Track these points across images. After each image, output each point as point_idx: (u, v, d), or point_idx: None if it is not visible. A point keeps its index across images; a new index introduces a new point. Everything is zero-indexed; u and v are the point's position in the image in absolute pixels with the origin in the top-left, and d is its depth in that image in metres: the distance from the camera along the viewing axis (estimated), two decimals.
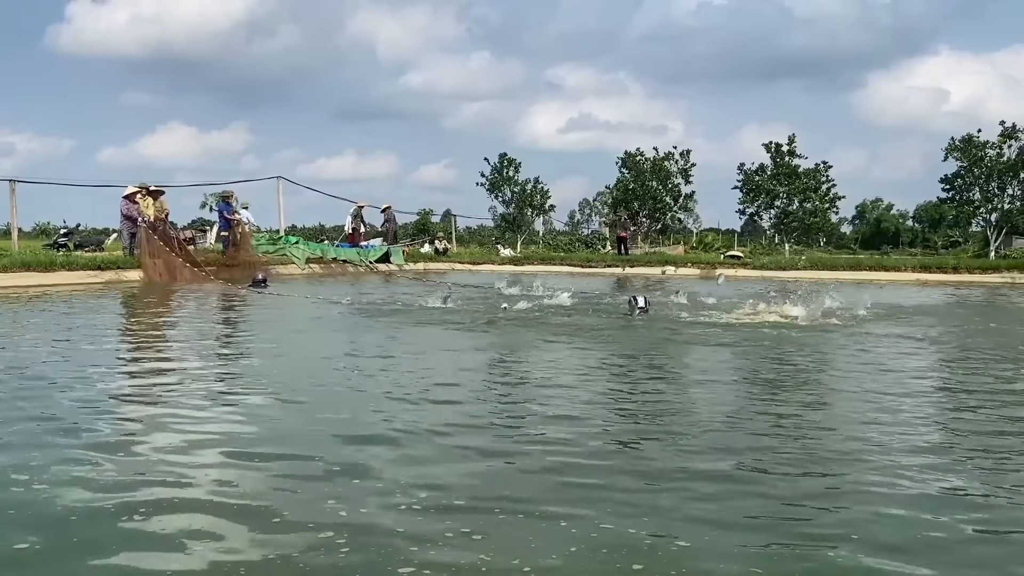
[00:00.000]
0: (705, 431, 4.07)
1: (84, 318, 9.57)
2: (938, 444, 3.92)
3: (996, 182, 30.58)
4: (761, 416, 4.50)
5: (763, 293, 11.38)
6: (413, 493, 3.02)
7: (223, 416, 4.34)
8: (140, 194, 16.72)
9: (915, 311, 11.70)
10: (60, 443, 3.67)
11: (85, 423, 4.06)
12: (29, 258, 15.40)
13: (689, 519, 2.80)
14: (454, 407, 4.64)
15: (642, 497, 3.04)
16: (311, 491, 3.04)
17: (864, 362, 6.58)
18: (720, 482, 3.22)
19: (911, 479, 3.26)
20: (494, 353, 7.12)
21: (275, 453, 3.59)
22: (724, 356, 7.05)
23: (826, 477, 3.31)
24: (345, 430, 4.04)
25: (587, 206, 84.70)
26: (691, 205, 39.73)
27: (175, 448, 3.62)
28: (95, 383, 5.23)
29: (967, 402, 5.03)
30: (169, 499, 2.93)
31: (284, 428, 4.10)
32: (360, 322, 9.39)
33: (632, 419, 4.52)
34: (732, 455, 3.60)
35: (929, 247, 62.03)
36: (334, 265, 22.26)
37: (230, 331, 8.99)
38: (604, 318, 9.71)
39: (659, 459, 3.58)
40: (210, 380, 5.48)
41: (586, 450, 3.69)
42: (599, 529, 2.69)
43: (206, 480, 3.18)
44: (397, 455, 3.57)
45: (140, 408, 4.61)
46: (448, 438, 3.89)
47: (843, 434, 4.02)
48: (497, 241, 39.11)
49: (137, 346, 7.44)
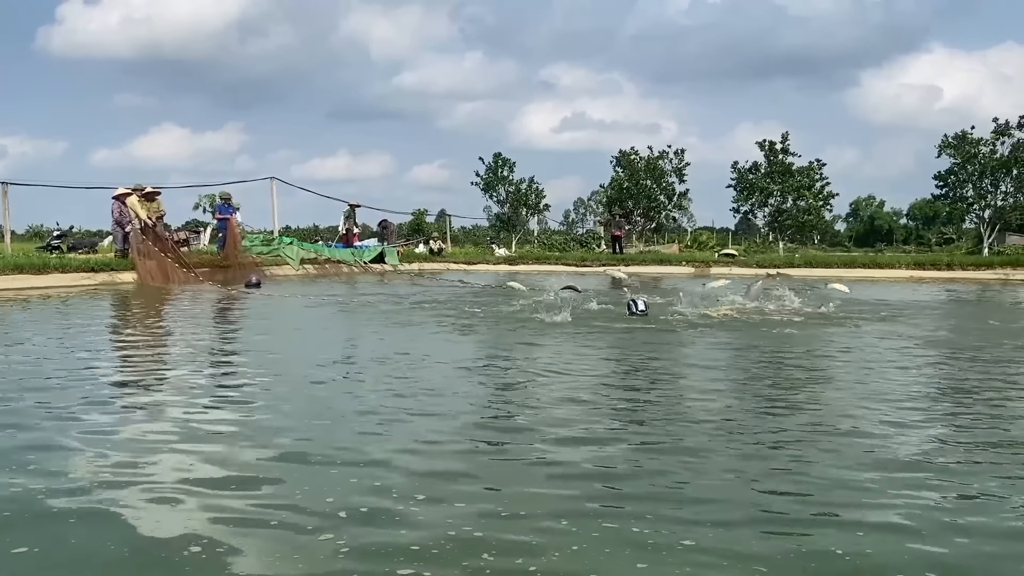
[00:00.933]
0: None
1: (72, 320, 9.52)
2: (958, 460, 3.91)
3: (989, 179, 30.68)
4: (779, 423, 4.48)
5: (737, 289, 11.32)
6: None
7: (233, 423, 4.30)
8: (135, 196, 16.63)
9: (913, 309, 11.72)
10: (44, 446, 3.63)
11: (64, 429, 4.01)
12: (22, 260, 15.30)
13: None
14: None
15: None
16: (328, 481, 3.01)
17: (860, 361, 6.57)
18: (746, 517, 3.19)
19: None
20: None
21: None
22: (741, 356, 7.03)
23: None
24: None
25: (582, 205, 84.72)
26: (685, 204, 39.78)
27: (164, 447, 3.58)
28: (81, 387, 5.19)
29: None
30: (161, 498, 2.90)
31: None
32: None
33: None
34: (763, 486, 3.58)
35: (923, 244, 62.29)
36: (328, 266, 22.21)
37: (231, 334, 8.95)
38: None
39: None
40: (223, 386, 5.44)
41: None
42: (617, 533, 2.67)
43: (199, 492, 3.14)
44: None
45: (125, 412, 4.57)
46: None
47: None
48: (492, 241, 39.10)
49: (124, 349, 7.39)
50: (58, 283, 14.34)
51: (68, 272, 15.12)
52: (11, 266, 14.53)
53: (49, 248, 21.92)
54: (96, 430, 3.94)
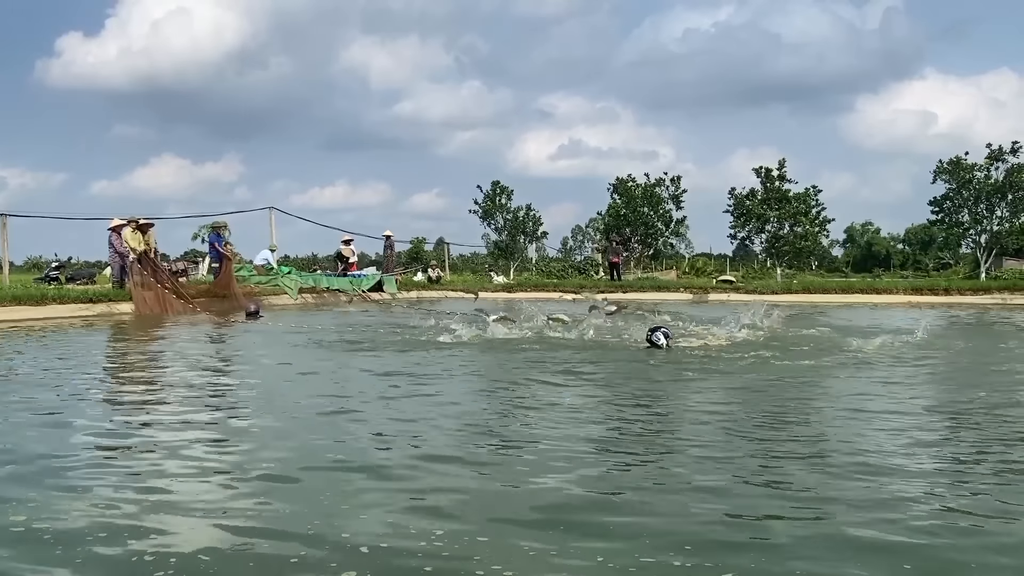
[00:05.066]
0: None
1: (69, 350, 9.50)
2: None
3: (984, 204, 30.84)
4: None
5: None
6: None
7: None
8: (130, 227, 16.66)
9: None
10: (49, 472, 3.62)
11: (66, 455, 4.01)
12: (20, 292, 15.32)
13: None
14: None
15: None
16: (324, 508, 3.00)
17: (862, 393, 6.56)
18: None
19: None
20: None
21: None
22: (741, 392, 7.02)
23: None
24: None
25: (579, 232, 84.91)
26: (683, 230, 39.90)
27: (166, 473, 3.57)
28: (80, 416, 5.18)
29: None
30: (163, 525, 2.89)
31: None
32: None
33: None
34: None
35: (920, 269, 62.47)
36: (326, 295, 22.23)
37: (227, 363, 8.93)
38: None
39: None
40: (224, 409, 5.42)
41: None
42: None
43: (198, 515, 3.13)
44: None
45: (123, 439, 4.55)
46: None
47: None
48: (490, 268, 39.16)
49: (120, 379, 7.37)
50: (56, 314, 14.34)
51: (66, 303, 15.13)
52: (9, 297, 14.54)
53: (47, 279, 21.97)
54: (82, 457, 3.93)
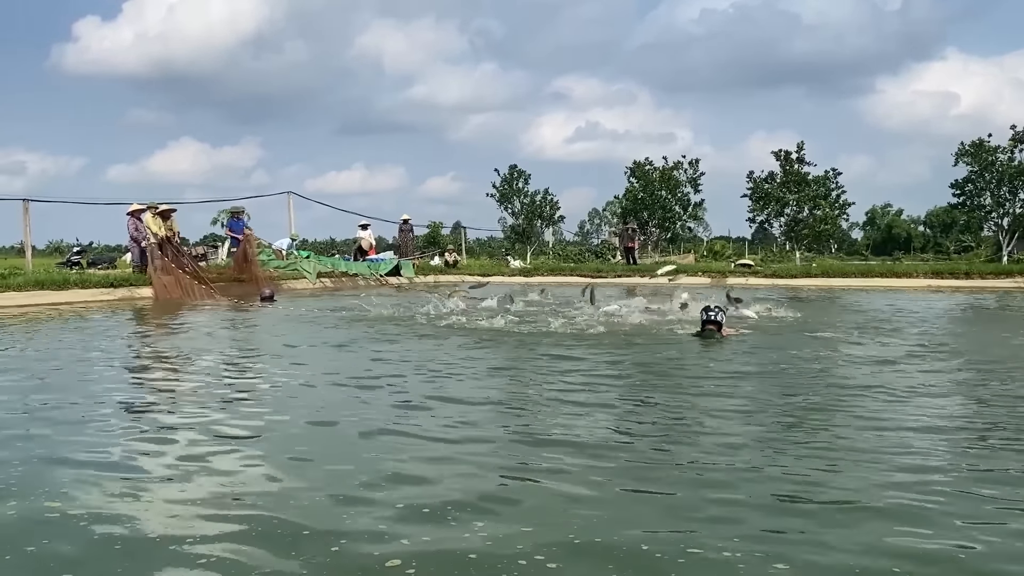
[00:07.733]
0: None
1: (90, 335, 9.64)
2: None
3: (1007, 187, 30.45)
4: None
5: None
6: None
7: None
8: (150, 212, 16.83)
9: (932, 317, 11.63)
10: (70, 464, 3.70)
11: (93, 443, 4.09)
12: (43, 276, 15.55)
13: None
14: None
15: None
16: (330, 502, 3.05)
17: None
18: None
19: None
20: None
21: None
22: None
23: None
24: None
25: (596, 216, 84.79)
26: (700, 214, 39.68)
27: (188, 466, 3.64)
28: (101, 402, 5.27)
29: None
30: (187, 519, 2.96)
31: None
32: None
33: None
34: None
35: (941, 252, 61.78)
36: (344, 279, 22.36)
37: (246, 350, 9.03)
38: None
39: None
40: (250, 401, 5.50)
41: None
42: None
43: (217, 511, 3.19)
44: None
45: (147, 426, 4.63)
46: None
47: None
48: (507, 253, 39.18)
49: (142, 363, 7.48)
50: (78, 299, 14.53)
51: (88, 288, 15.33)
52: (32, 282, 14.77)
53: (69, 264, 22.26)
54: (109, 445, 4.01)
